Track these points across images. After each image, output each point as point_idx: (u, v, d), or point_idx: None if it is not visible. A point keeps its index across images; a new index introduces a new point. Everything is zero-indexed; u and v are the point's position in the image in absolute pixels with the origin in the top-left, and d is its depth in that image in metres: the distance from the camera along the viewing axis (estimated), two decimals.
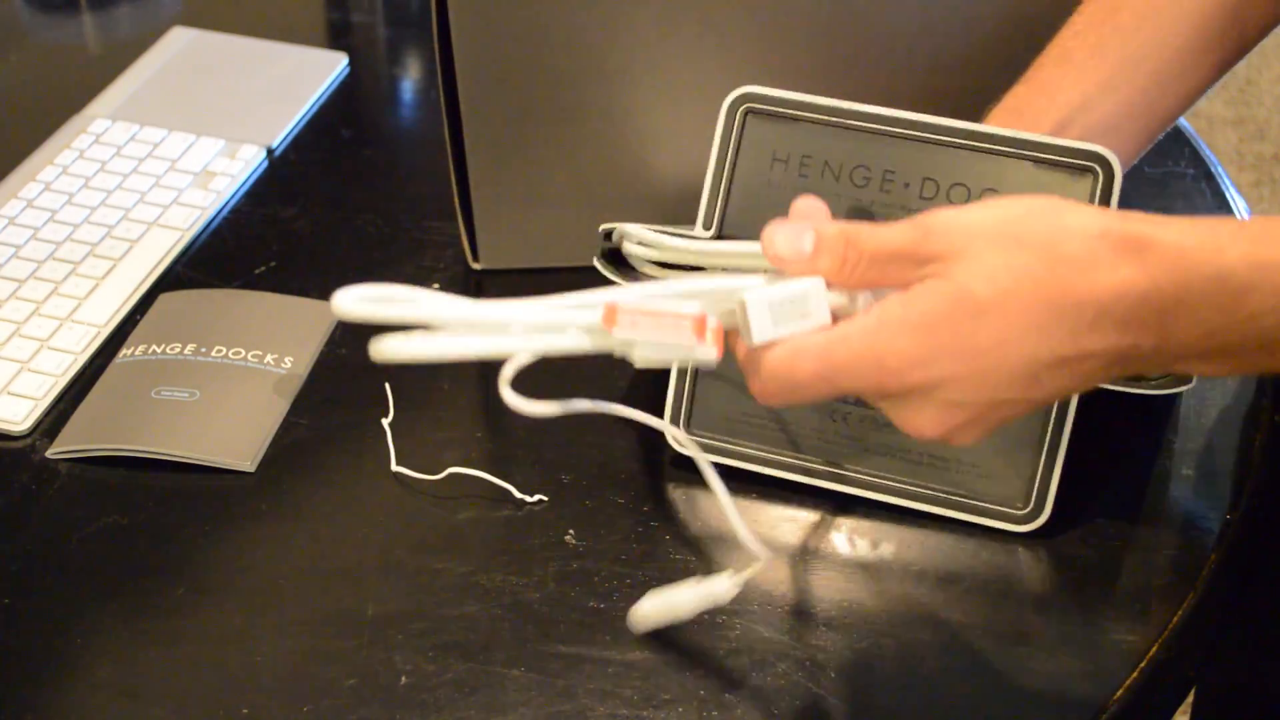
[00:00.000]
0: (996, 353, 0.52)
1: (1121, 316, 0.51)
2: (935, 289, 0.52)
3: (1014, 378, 0.52)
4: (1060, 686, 0.64)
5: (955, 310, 0.52)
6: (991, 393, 0.53)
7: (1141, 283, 0.51)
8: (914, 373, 0.52)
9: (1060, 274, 0.51)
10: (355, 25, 1.15)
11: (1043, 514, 0.68)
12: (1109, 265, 0.51)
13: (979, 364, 0.52)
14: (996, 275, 0.51)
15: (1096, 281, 0.51)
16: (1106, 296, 0.51)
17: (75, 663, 0.65)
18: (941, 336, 0.52)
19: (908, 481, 0.70)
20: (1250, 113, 2.48)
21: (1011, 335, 0.51)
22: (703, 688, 0.63)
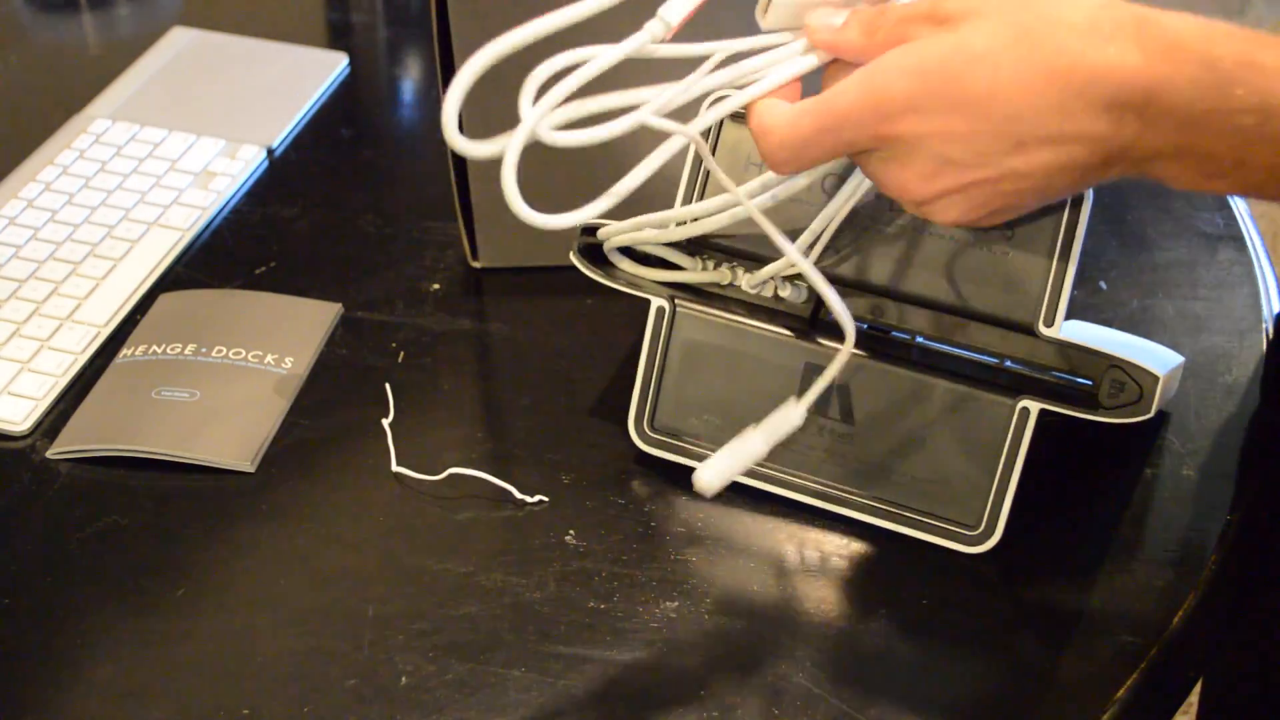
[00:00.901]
0: (986, 105, 0.52)
1: (1111, 92, 0.51)
2: (937, 39, 0.53)
3: (999, 137, 0.53)
4: (1060, 687, 0.64)
5: (951, 57, 0.53)
6: (978, 153, 0.53)
7: (1134, 58, 0.51)
8: (907, 118, 0.53)
9: (1058, 37, 0.52)
10: (355, 25, 1.15)
11: (993, 536, 0.68)
12: (1105, 36, 0.51)
13: (968, 115, 0.53)
14: (996, 30, 0.52)
15: (1091, 49, 0.51)
16: (1100, 65, 0.51)
17: (75, 663, 0.65)
18: (934, 81, 0.53)
19: (863, 495, 0.70)
20: None
21: (1001, 89, 0.52)
22: (703, 688, 0.63)
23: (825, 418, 0.70)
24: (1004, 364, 0.69)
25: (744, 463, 0.61)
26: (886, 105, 0.54)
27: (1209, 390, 0.77)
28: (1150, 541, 0.70)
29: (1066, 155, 0.53)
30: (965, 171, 0.54)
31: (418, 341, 0.82)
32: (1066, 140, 0.52)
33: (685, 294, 0.72)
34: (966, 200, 0.56)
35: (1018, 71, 0.52)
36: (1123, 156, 0.53)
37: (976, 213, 0.56)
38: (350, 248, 0.90)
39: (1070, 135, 0.52)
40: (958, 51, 0.53)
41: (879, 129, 0.54)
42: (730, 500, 0.72)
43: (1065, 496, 0.72)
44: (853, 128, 0.55)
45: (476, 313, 0.85)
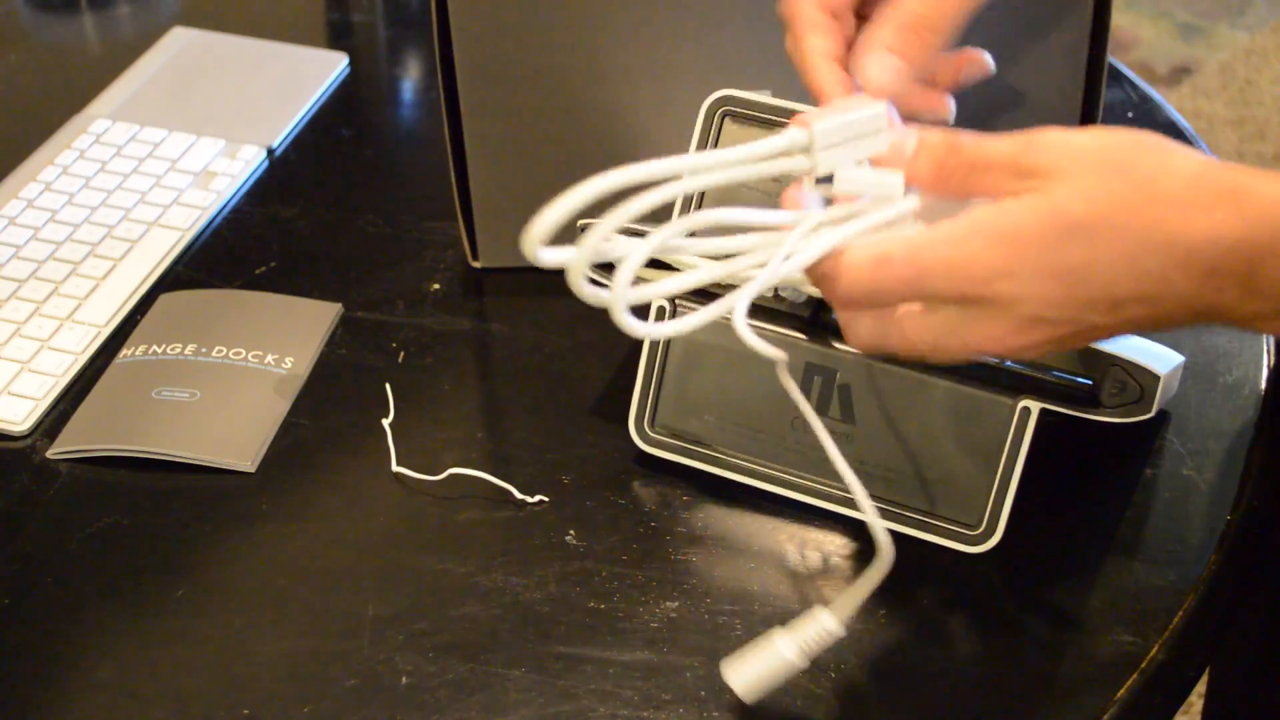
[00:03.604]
0: (1082, 274, 0.52)
1: (1211, 261, 0.51)
2: (1031, 203, 0.52)
3: (1096, 303, 0.52)
4: (1060, 688, 0.64)
5: (1048, 226, 0.52)
6: (1073, 313, 0.53)
7: (1235, 228, 0.50)
8: (999, 283, 0.52)
9: (1157, 208, 0.51)
10: (355, 25, 1.15)
11: (993, 536, 0.68)
12: (1205, 207, 0.51)
13: (1064, 283, 0.52)
14: (1094, 198, 0.51)
15: (1191, 221, 0.51)
16: (1199, 238, 0.50)
17: (75, 663, 0.65)
18: (1030, 251, 0.52)
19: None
20: (1250, 113, 2.48)
21: (1100, 260, 0.51)
22: (703, 688, 0.63)
23: (825, 417, 0.70)
24: (1004, 363, 0.69)
25: (776, 672, 0.61)
26: (978, 269, 0.52)
27: (1209, 390, 0.77)
28: (1150, 541, 0.70)
29: (1161, 313, 0.53)
30: (1059, 327, 0.53)
31: (418, 341, 0.82)
32: (1161, 302, 0.52)
33: (685, 294, 0.72)
34: (1055, 345, 0.55)
35: (1117, 245, 0.51)
36: (1217, 315, 0.52)
37: (1060, 349, 0.55)
38: (350, 248, 0.90)
39: (1167, 298, 0.52)
40: (1054, 220, 0.51)
41: (966, 290, 0.53)
42: (730, 500, 0.72)
43: (1065, 496, 0.72)
44: (937, 283, 0.53)
45: (476, 313, 0.85)
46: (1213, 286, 0.51)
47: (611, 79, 0.81)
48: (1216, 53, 2.63)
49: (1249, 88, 2.54)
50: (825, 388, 0.70)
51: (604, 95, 0.81)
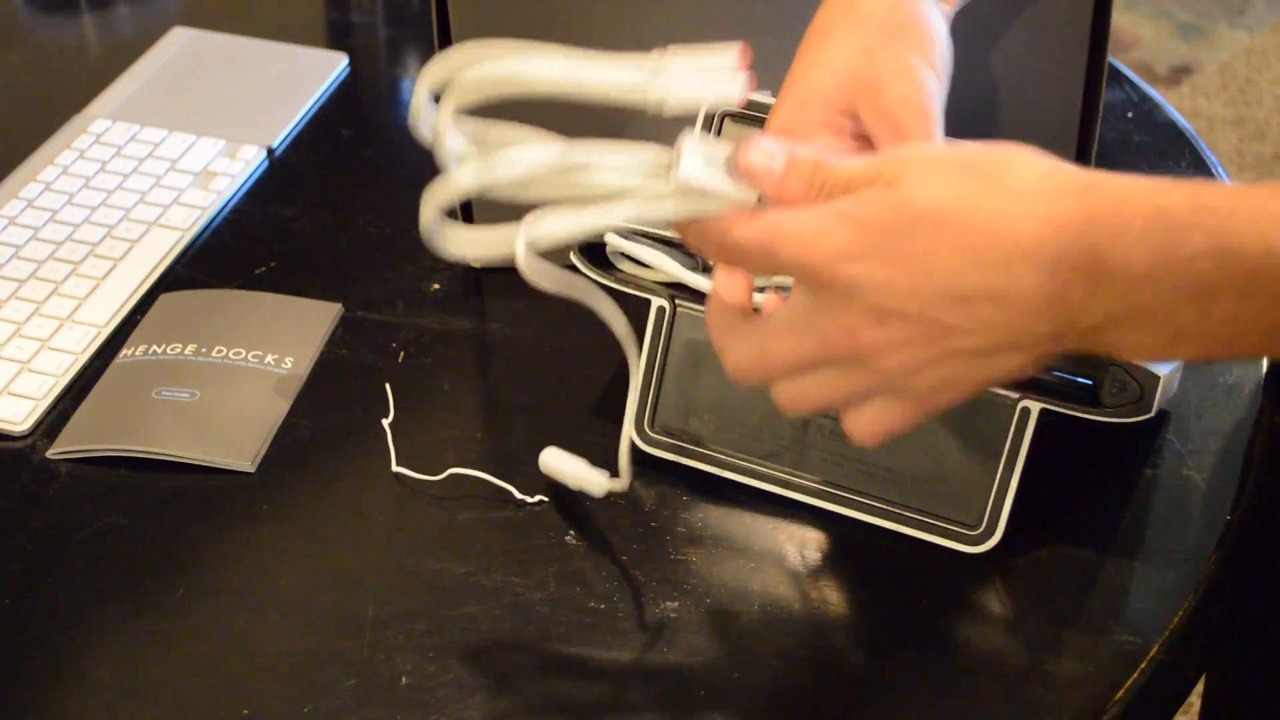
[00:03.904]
0: (925, 264, 0.52)
1: (1055, 252, 0.50)
2: (881, 194, 0.53)
3: (941, 295, 0.52)
4: (1060, 688, 0.64)
5: (892, 215, 0.52)
6: (920, 306, 0.52)
7: (1077, 218, 0.50)
8: (844, 265, 0.53)
9: (1001, 200, 0.51)
10: (355, 25, 1.15)
11: (994, 536, 0.68)
12: (1048, 199, 0.51)
13: (908, 271, 0.52)
14: (938, 192, 0.52)
15: (1034, 212, 0.51)
16: (1044, 228, 0.50)
17: (75, 663, 0.65)
18: (874, 237, 0.52)
19: (863, 495, 0.70)
20: (1250, 113, 2.48)
21: (941, 250, 0.52)
22: (703, 688, 0.63)
23: (825, 417, 0.70)
24: None
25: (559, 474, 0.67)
26: (827, 245, 0.53)
27: (1209, 390, 0.77)
28: (1150, 541, 0.70)
29: (1013, 315, 0.52)
30: (911, 325, 0.53)
31: (418, 341, 0.82)
32: (1010, 299, 0.51)
33: (685, 294, 0.72)
34: (913, 358, 0.54)
35: (958, 237, 0.51)
36: (1072, 324, 0.52)
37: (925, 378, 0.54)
38: (350, 248, 0.90)
39: (1015, 295, 0.51)
40: (899, 210, 0.52)
41: (816, 264, 0.53)
42: (730, 500, 0.72)
43: (1065, 496, 0.72)
44: (789, 251, 0.54)
45: (476, 313, 0.85)
46: (1059, 282, 0.51)
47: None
48: (1216, 53, 2.64)
49: (1249, 88, 2.54)
50: None
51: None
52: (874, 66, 0.63)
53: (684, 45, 0.56)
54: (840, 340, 0.55)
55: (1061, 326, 0.52)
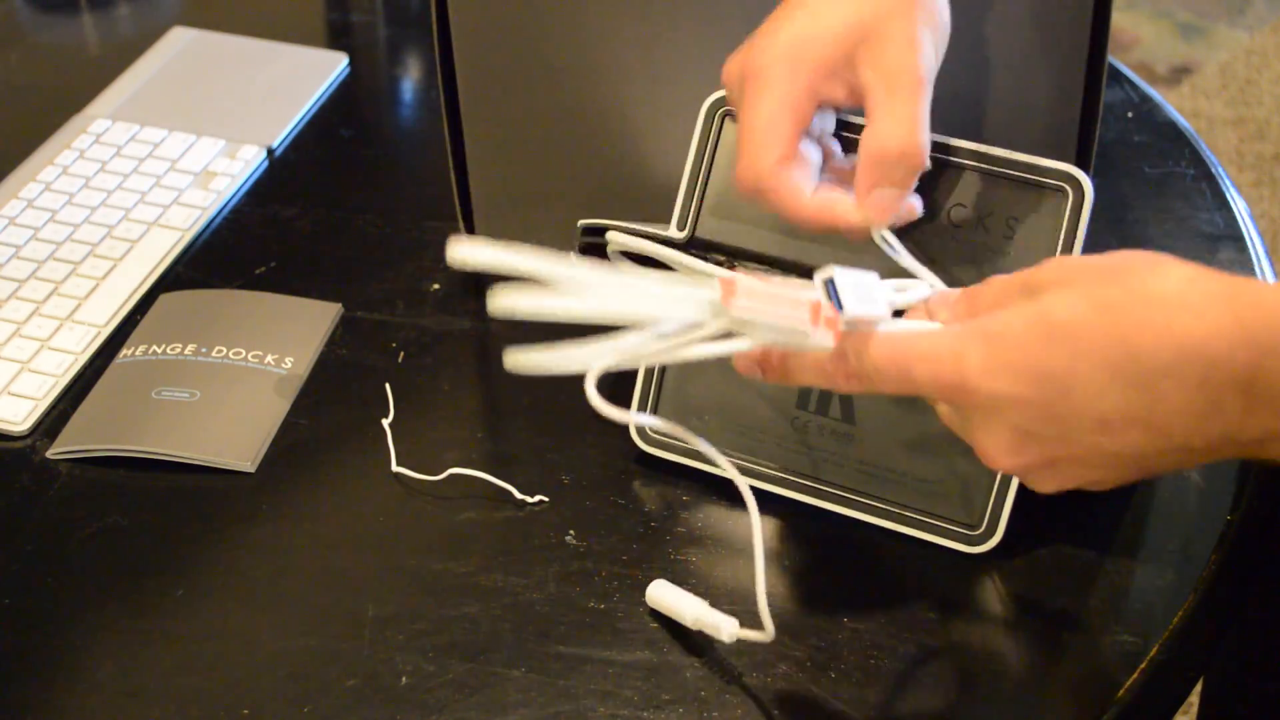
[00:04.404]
0: (1064, 382, 0.50)
1: (1204, 367, 0.47)
2: (1021, 308, 0.51)
3: (1082, 416, 0.50)
4: (1061, 688, 0.64)
5: (1031, 329, 0.50)
6: (1060, 429, 0.51)
7: (1231, 330, 0.47)
8: (982, 382, 0.51)
9: (1141, 310, 0.49)
10: (355, 25, 1.15)
11: (994, 536, 0.68)
12: (1196, 310, 0.48)
13: (1045, 390, 0.50)
14: (1079, 303, 0.50)
15: (1179, 323, 0.48)
16: (1189, 340, 0.47)
17: (75, 663, 0.65)
18: (1013, 353, 0.51)
19: (863, 495, 0.70)
20: (1250, 113, 2.48)
21: (1081, 367, 0.49)
22: (703, 688, 0.63)
23: (826, 417, 0.70)
24: None
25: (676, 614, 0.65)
26: (964, 365, 0.51)
27: None
28: (1150, 541, 0.70)
29: (1162, 438, 0.49)
30: (1048, 446, 0.52)
31: (418, 341, 0.82)
32: (1156, 422, 0.49)
33: None
34: (1057, 474, 0.53)
35: (1099, 351, 0.49)
36: (1227, 440, 0.49)
37: (1074, 483, 0.54)
38: (350, 248, 0.90)
39: (1160, 418, 0.48)
40: (1037, 324, 0.50)
41: (952, 383, 0.52)
42: (730, 500, 0.72)
43: (1065, 496, 0.71)
44: (923, 372, 0.53)
45: (476, 313, 0.85)
46: (1209, 398, 0.48)
47: (611, 79, 0.81)
48: (1216, 53, 2.63)
49: (1249, 88, 2.54)
50: None
51: (604, 95, 0.81)
52: (883, 27, 0.62)
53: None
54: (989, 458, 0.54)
55: (1216, 441, 0.49)
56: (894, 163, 0.61)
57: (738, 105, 0.64)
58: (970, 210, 0.68)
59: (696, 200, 0.72)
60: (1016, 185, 0.67)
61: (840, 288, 0.55)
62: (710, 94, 0.72)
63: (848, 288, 0.55)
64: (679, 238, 0.72)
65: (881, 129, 0.62)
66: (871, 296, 0.56)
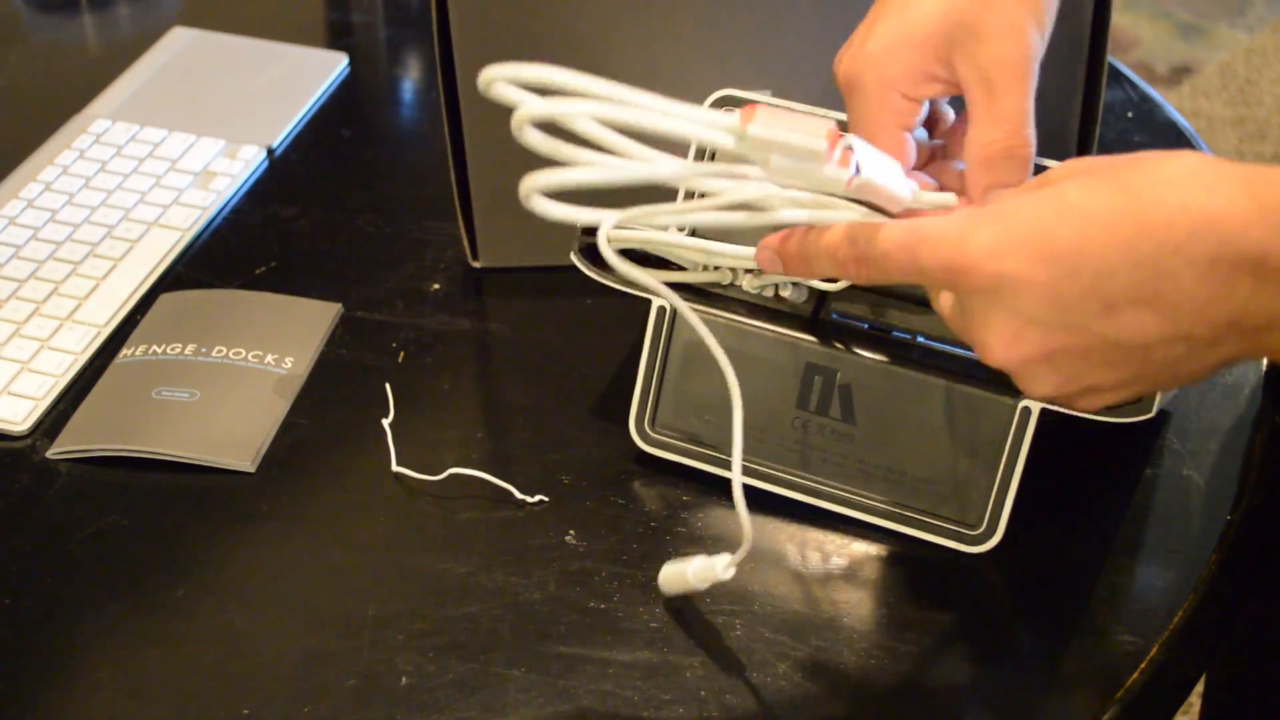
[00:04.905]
0: (1071, 261, 0.49)
1: (1215, 245, 0.46)
2: (1034, 193, 0.51)
3: (1088, 299, 0.49)
4: (1060, 688, 0.64)
5: (1042, 209, 0.50)
6: (1063, 313, 0.49)
7: (1244, 208, 0.46)
8: (988, 262, 0.50)
9: (1156, 189, 0.48)
10: (355, 25, 1.15)
11: (994, 536, 0.68)
12: (1208, 186, 0.47)
13: (1052, 270, 0.49)
14: (1093, 184, 0.50)
15: (1193, 199, 0.47)
16: (1202, 216, 0.47)
17: (75, 663, 0.65)
18: (1021, 232, 0.50)
19: (863, 495, 0.70)
20: (1250, 113, 2.48)
21: (1091, 245, 0.48)
22: (703, 688, 0.63)
23: (825, 417, 0.70)
24: None
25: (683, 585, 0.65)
26: (971, 244, 0.51)
27: (1209, 390, 0.77)
28: (1150, 541, 0.70)
29: (1167, 323, 0.48)
30: (1050, 335, 0.50)
31: (418, 341, 0.82)
32: (1164, 303, 0.48)
33: (686, 294, 0.72)
34: (1054, 370, 0.52)
35: (1109, 224, 0.48)
36: (1234, 327, 0.48)
37: (1069, 386, 0.52)
38: (350, 248, 0.90)
39: (1169, 297, 0.48)
40: (1050, 202, 0.50)
41: (957, 263, 0.51)
42: (730, 500, 0.72)
43: (1065, 496, 0.72)
44: (931, 252, 0.52)
45: (476, 313, 0.85)
46: (1219, 276, 0.47)
47: (611, 79, 0.81)
48: (1216, 53, 2.64)
49: (1249, 88, 2.54)
50: (825, 388, 0.70)
51: None
52: (983, 15, 0.59)
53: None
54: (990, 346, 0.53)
55: (1220, 330, 0.48)
56: (1001, 164, 0.59)
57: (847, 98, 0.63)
58: None
59: (697, 199, 0.72)
60: None
61: (860, 155, 0.54)
62: (711, 93, 0.72)
63: (866, 157, 0.55)
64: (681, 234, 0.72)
65: (983, 132, 0.60)
66: (889, 171, 0.56)
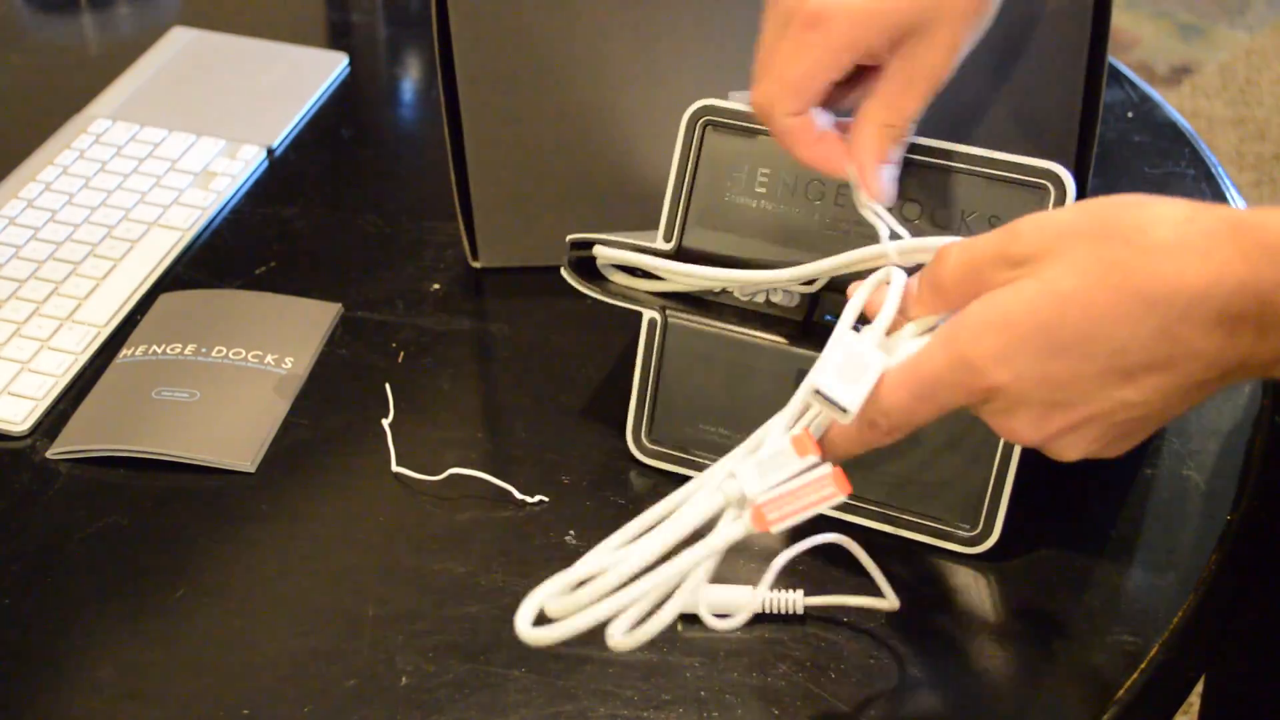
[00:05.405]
0: (1086, 346, 0.50)
1: (1217, 307, 0.48)
2: (1018, 286, 0.51)
3: (1104, 375, 0.50)
4: (1060, 688, 0.64)
5: (1038, 303, 0.50)
6: (1084, 392, 0.51)
7: (1238, 269, 0.48)
8: (998, 371, 0.51)
9: (1150, 261, 0.49)
10: (355, 25, 1.15)
11: (990, 537, 0.68)
12: (1201, 251, 0.48)
13: (1068, 358, 0.50)
14: (1085, 268, 0.50)
15: (1189, 268, 0.48)
16: (1200, 284, 0.48)
17: (75, 663, 0.65)
18: (1023, 330, 0.51)
19: (860, 498, 0.70)
20: (1250, 113, 2.48)
21: (1098, 329, 0.50)
22: (703, 688, 0.63)
23: None
24: None
25: None
26: (976, 364, 0.52)
27: None
28: (1150, 541, 0.70)
29: (1181, 377, 0.50)
30: (1074, 410, 0.52)
31: (418, 341, 0.82)
32: (1177, 364, 0.50)
33: (677, 303, 0.72)
34: (1083, 437, 0.53)
35: (1113, 305, 0.49)
36: (1241, 367, 0.50)
37: (1099, 444, 0.54)
38: (350, 248, 0.90)
39: (1180, 359, 0.50)
40: (1044, 296, 0.50)
41: (974, 386, 0.52)
42: None
43: (1064, 496, 0.72)
44: (947, 391, 0.53)
45: (476, 313, 0.85)
46: (1225, 334, 0.49)
47: (611, 80, 0.81)
48: (1216, 53, 2.64)
49: (1249, 88, 2.54)
50: None
51: (603, 96, 0.81)
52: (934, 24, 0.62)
53: None
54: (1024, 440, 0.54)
55: (1229, 371, 0.50)
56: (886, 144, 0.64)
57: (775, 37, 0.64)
58: (952, 210, 0.68)
59: (682, 211, 0.72)
60: (998, 184, 0.67)
61: (834, 395, 0.55)
62: (710, 94, 0.72)
63: (838, 385, 0.55)
64: (666, 249, 0.72)
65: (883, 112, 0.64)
66: (859, 364, 0.55)
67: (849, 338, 0.56)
